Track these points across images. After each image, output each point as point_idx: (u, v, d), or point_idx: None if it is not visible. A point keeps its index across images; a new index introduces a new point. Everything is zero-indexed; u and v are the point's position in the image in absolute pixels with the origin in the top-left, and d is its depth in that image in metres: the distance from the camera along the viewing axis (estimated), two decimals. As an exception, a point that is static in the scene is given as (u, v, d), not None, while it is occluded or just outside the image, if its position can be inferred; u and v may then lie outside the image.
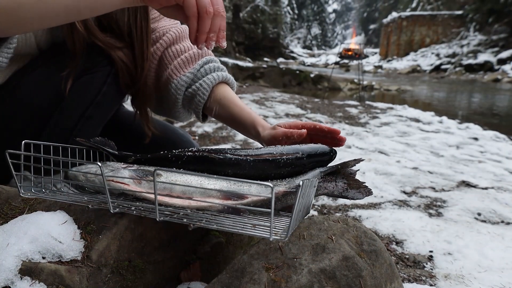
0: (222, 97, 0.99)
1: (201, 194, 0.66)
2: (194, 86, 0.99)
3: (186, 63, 1.00)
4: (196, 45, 0.71)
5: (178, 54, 1.01)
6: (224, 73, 1.02)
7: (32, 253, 0.59)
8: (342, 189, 0.76)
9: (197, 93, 0.99)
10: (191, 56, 1.01)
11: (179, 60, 1.00)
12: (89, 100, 0.89)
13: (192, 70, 1.00)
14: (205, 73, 1.00)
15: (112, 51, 0.88)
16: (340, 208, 1.66)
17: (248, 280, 0.59)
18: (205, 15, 0.67)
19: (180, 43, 1.02)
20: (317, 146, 0.77)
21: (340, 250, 0.63)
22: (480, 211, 1.67)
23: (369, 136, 3.50)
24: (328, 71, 11.64)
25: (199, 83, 0.99)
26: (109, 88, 0.90)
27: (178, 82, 0.99)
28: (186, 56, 1.00)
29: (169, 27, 1.03)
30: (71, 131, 0.90)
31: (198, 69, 1.00)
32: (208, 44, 0.71)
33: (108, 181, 0.64)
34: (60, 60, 0.87)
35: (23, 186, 0.67)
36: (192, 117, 1.10)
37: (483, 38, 27.97)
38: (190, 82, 1.00)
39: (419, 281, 1.11)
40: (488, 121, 5.24)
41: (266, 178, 0.72)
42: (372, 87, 11.28)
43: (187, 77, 0.99)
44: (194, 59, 1.01)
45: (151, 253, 0.69)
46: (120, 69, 0.90)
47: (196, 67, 1.00)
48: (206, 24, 0.68)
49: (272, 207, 0.51)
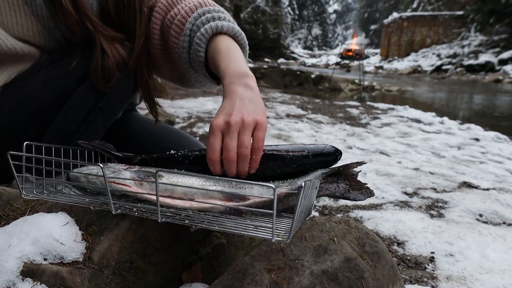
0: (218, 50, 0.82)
1: (202, 195, 0.66)
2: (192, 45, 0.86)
3: (181, 25, 0.88)
4: None
5: (173, 19, 0.89)
6: (220, 22, 0.84)
7: (33, 255, 0.59)
8: (344, 190, 0.76)
9: (195, 53, 0.87)
10: (186, 12, 0.88)
11: (176, 21, 0.88)
12: (92, 104, 0.90)
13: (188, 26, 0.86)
14: (201, 24, 0.86)
15: (115, 43, 0.86)
16: (341, 209, 1.66)
17: (249, 282, 0.59)
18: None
19: (175, 7, 0.91)
20: (322, 145, 0.77)
21: (342, 252, 0.63)
22: (482, 212, 1.67)
23: (370, 136, 3.50)
24: (329, 72, 11.64)
25: (195, 41, 0.86)
26: (112, 94, 0.90)
27: (179, 49, 0.89)
28: (182, 14, 0.88)
29: None
30: (73, 135, 0.90)
31: (194, 22, 0.86)
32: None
33: (109, 182, 0.64)
34: (66, 62, 0.87)
35: (24, 188, 0.67)
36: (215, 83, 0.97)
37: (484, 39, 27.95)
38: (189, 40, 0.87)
39: (420, 282, 1.11)
40: (489, 122, 5.23)
41: (271, 176, 0.72)
42: (373, 88, 11.27)
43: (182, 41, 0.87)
44: (187, 16, 0.88)
45: (153, 254, 0.69)
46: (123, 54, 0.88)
47: (191, 20, 0.87)
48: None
49: (274, 208, 0.51)
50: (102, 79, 0.86)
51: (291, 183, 0.71)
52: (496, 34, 26.76)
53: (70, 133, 0.89)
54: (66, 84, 0.87)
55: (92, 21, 0.86)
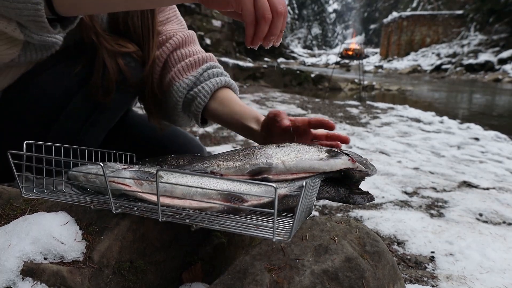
0: (224, 98, 1.00)
1: (203, 195, 0.66)
2: (195, 89, 0.99)
3: (190, 67, 1.00)
4: (250, 45, 0.68)
5: (182, 58, 1.01)
6: (227, 78, 1.02)
7: (34, 254, 0.59)
8: (344, 194, 0.76)
9: (198, 95, 0.98)
10: (195, 60, 1.01)
11: (183, 63, 1.00)
12: (94, 105, 0.90)
13: (195, 74, 1.00)
14: (208, 77, 1.00)
15: (118, 58, 0.88)
16: (341, 208, 1.66)
17: (250, 281, 0.59)
18: (263, 22, 0.63)
19: (185, 48, 1.03)
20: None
21: (343, 251, 0.63)
22: (482, 211, 1.67)
23: (370, 136, 3.50)
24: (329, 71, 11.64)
25: (201, 85, 0.99)
26: (115, 94, 0.90)
27: (180, 85, 0.99)
28: (190, 60, 1.01)
29: (176, 30, 1.04)
30: (76, 135, 0.90)
31: (201, 73, 1.01)
32: (265, 44, 0.68)
33: (109, 182, 0.63)
34: (70, 64, 0.87)
35: (24, 187, 0.67)
36: (192, 123, 1.10)
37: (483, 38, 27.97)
38: (192, 86, 1.00)
39: (421, 282, 1.11)
40: (489, 121, 5.23)
41: None
42: (372, 87, 11.27)
43: (189, 80, 0.99)
44: (198, 64, 1.01)
45: (153, 254, 0.69)
46: (125, 71, 0.89)
47: (199, 71, 1.00)
48: (264, 30, 0.64)
49: (275, 207, 0.51)
50: (101, 94, 0.88)
51: (289, 185, 0.71)
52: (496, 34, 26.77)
53: (74, 133, 0.90)
54: (69, 85, 0.87)
55: (97, 33, 0.86)
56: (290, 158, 0.71)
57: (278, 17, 0.64)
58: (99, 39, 0.86)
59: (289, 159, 0.71)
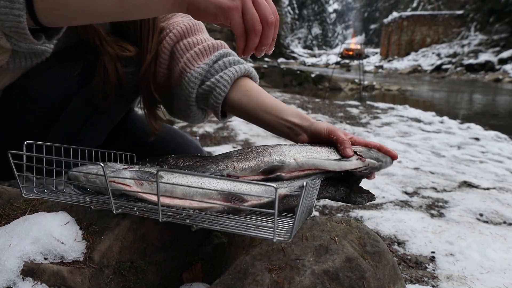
0: (249, 88, 0.91)
1: (204, 195, 0.66)
2: (212, 80, 0.91)
3: (200, 55, 0.93)
4: (241, 56, 0.67)
5: (190, 47, 0.94)
6: (246, 66, 0.93)
7: (34, 254, 0.59)
8: (344, 193, 0.76)
9: (216, 86, 0.90)
10: (205, 48, 0.94)
11: (192, 52, 0.93)
12: (94, 106, 0.90)
13: (207, 62, 0.92)
14: (224, 66, 0.92)
15: (117, 62, 0.87)
16: (342, 208, 1.66)
17: (250, 282, 0.59)
18: (253, 34, 0.62)
19: (192, 36, 0.96)
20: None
21: (343, 252, 0.63)
22: (482, 211, 1.67)
23: (370, 136, 3.49)
24: (329, 71, 11.64)
25: (219, 75, 0.91)
26: (115, 96, 0.90)
27: (192, 75, 0.92)
28: (200, 49, 0.94)
29: (180, 21, 0.97)
30: (76, 135, 0.90)
31: (215, 60, 0.93)
32: (257, 53, 0.67)
33: (110, 182, 0.63)
34: (70, 65, 0.87)
35: (25, 187, 0.67)
36: (205, 119, 1.03)
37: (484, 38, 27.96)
38: (205, 75, 0.92)
39: (421, 282, 1.11)
40: (489, 121, 5.23)
41: None
42: (373, 87, 11.27)
43: (202, 68, 0.91)
44: (209, 52, 0.94)
45: (153, 254, 0.69)
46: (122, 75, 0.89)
47: (213, 58, 0.93)
48: (254, 42, 0.63)
49: (275, 207, 0.51)
50: (101, 98, 0.88)
51: (289, 185, 0.71)
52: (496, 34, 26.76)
53: (73, 134, 0.90)
54: (69, 86, 0.87)
55: (101, 37, 0.85)
56: (302, 156, 0.74)
57: (269, 28, 0.63)
58: (102, 43, 0.85)
59: (301, 156, 0.74)
